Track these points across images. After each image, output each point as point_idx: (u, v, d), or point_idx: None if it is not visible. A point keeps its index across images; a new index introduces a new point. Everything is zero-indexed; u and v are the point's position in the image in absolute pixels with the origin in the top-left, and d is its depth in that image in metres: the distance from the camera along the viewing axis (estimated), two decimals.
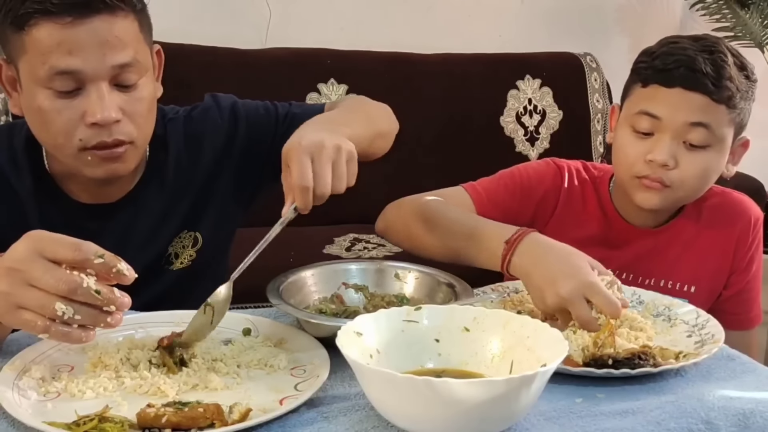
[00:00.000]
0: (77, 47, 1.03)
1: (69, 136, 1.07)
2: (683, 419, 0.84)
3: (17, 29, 1.04)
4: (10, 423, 0.80)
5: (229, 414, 0.80)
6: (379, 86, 2.76)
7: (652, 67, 1.30)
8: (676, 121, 1.27)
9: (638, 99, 1.32)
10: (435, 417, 0.76)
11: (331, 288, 1.14)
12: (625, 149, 1.33)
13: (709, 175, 1.32)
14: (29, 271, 0.82)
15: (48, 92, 1.06)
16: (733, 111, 1.28)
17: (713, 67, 1.26)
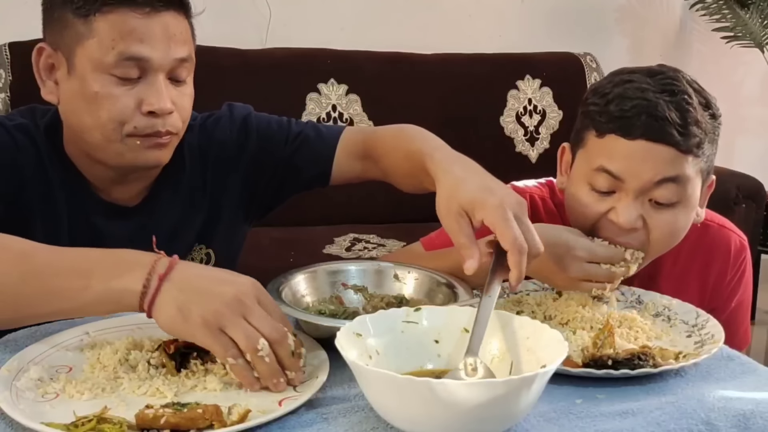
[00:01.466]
0: (149, 36, 1.08)
1: (122, 123, 1.09)
2: (683, 420, 0.84)
3: (85, 15, 1.07)
4: (8, 424, 0.80)
5: (228, 415, 0.80)
6: (379, 86, 2.76)
7: (606, 112, 1.15)
8: (640, 179, 1.12)
9: (594, 152, 1.16)
10: (434, 418, 0.76)
11: (330, 289, 1.14)
12: (584, 211, 1.18)
13: (679, 232, 1.19)
14: (251, 309, 0.86)
15: (108, 78, 1.08)
16: (700, 159, 1.14)
17: (678, 112, 1.11)
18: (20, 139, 1.16)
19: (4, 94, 2.36)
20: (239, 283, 0.88)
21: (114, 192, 1.21)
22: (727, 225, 1.36)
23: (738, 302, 1.36)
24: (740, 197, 2.59)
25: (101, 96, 1.08)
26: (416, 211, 2.74)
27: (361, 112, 2.73)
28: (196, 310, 0.85)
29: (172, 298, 0.86)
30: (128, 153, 1.12)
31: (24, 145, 1.16)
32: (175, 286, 0.87)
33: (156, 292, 0.87)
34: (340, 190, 2.71)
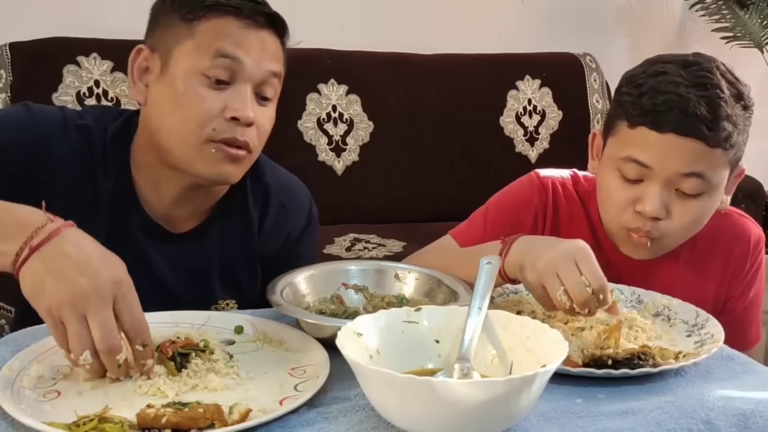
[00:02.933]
0: (245, 43, 1.12)
1: (203, 125, 1.10)
2: (683, 419, 0.84)
3: (190, 19, 1.11)
4: (9, 423, 0.80)
5: (229, 414, 0.80)
6: (379, 86, 2.76)
7: (639, 105, 1.18)
8: (668, 170, 1.16)
9: (625, 141, 1.20)
10: (435, 417, 0.76)
11: (330, 288, 1.14)
12: (612, 195, 1.22)
13: (702, 221, 1.23)
14: (95, 310, 0.84)
15: (200, 79, 1.10)
16: (729, 151, 1.17)
17: (708, 107, 1.14)
18: (75, 138, 1.16)
19: (4, 94, 2.35)
20: (98, 279, 0.86)
21: (168, 212, 1.21)
22: (747, 216, 1.38)
23: (754, 294, 1.37)
24: (740, 197, 2.58)
25: (188, 96, 1.10)
26: (416, 211, 2.75)
27: (361, 112, 2.73)
28: (46, 293, 0.85)
29: (33, 272, 0.86)
30: (200, 161, 1.12)
31: (77, 146, 1.16)
32: (41, 259, 0.86)
33: (24, 260, 0.87)
34: (340, 190, 2.72)
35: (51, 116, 1.18)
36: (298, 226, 1.31)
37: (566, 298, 0.99)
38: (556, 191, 1.35)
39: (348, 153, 2.72)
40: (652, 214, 1.17)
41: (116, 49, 2.44)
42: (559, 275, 0.99)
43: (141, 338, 0.87)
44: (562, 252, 1.01)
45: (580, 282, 0.98)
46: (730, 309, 1.35)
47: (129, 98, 2.44)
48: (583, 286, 0.98)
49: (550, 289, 1.00)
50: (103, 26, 2.53)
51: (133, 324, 0.87)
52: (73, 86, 2.41)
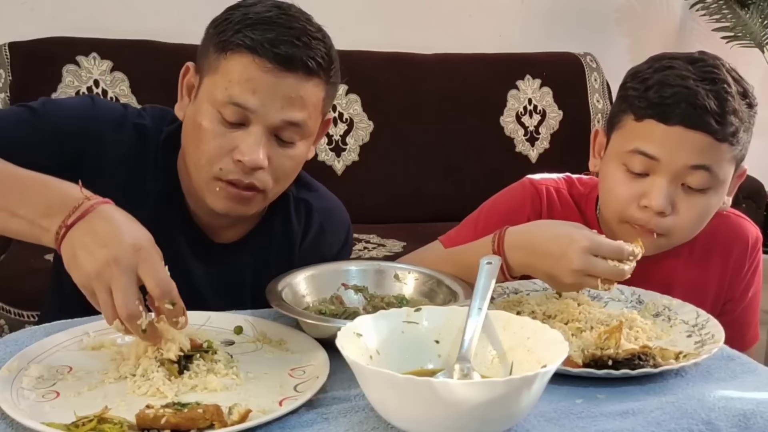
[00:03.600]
0: (262, 90, 1.07)
1: (212, 162, 1.10)
2: (684, 420, 0.84)
3: (221, 50, 1.09)
4: (8, 424, 0.80)
5: (229, 415, 0.80)
6: (379, 86, 2.76)
7: (645, 98, 1.17)
8: (675, 163, 1.15)
9: (631, 134, 1.19)
10: (435, 418, 0.76)
11: (330, 289, 1.14)
12: (615, 190, 1.21)
13: (706, 218, 1.22)
14: (117, 279, 0.87)
15: (215, 114, 1.09)
16: (735, 147, 1.17)
17: (717, 101, 1.13)
18: (130, 136, 1.17)
19: (3, 94, 2.36)
20: (119, 248, 0.89)
21: (210, 221, 1.21)
22: (744, 217, 1.38)
23: (753, 294, 1.37)
24: (740, 197, 2.58)
25: (204, 129, 1.10)
26: (416, 211, 2.75)
27: (361, 112, 2.73)
28: (78, 269, 0.89)
29: (67, 248, 0.91)
30: (209, 195, 1.13)
31: (131, 145, 1.17)
32: (73, 236, 0.91)
33: (63, 237, 0.92)
34: (340, 191, 2.72)
35: (111, 112, 1.19)
36: (333, 249, 1.31)
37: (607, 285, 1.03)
38: (550, 197, 1.33)
39: (348, 153, 2.72)
40: (658, 209, 1.16)
41: (115, 49, 2.44)
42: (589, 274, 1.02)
43: (168, 297, 0.89)
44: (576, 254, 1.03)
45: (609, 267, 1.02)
46: (730, 310, 1.34)
47: (129, 98, 2.44)
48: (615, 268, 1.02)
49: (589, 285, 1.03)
50: (102, 26, 2.53)
51: (158, 284, 0.89)
52: (72, 86, 2.40)
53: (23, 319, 1.91)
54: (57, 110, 1.16)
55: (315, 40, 1.10)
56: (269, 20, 1.09)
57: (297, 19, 1.11)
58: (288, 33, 1.08)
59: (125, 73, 2.44)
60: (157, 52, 2.43)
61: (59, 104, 1.19)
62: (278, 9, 1.11)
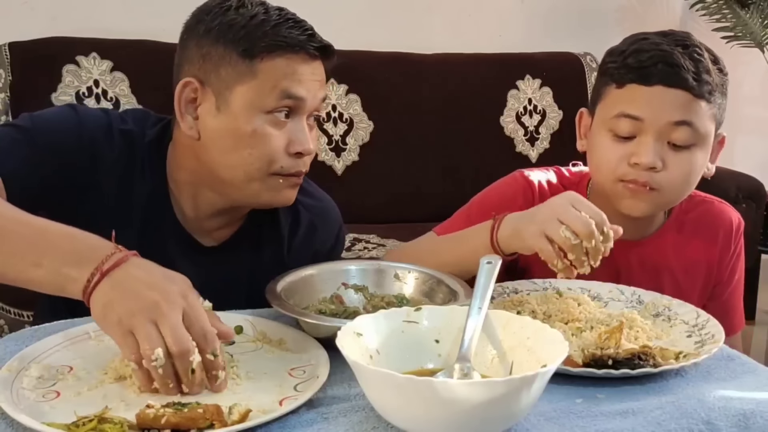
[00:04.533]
0: (306, 79, 1.14)
1: (271, 163, 1.13)
2: (684, 420, 0.84)
3: (251, 57, 1.11)
4: (8, 424, 0.80)
5: (229, 415, 0.80)
6: (379, 86, 2.76)
7: (625, 65, 1.24)
8: (659, 121, 1.21)
9: (615, 101, 1.25)
10: (435, 418, 0.76)
11: (330, 288, 1.14)
12: (606, 154, 1.26)
13: (694, 176, 1.27)
14: (166, 317, 0.85)
15: (264, 118, 1.12)
16: (712, 106, 1.23)
17: (691, 61, 1.21)
18: (119, 143, 1.17)
19: (3, 94, 2.36)
20: (167, 291, 0.88)
21: (199, 225, 1.22)
22: (726, 203, 1.43)
23: (738, 278, 1.41)
24: (740, 197, 2.59)
25: (257, 135, 1.12)
26: (416, 211, 2.75)
27: (361, 112, 2.73)
28: (116, 309, 0.86)
29: (103, 294, 0.88)
30: (266, 192, 1.15)
31: (121, 151, 1.17)
32: (111, 283, 0.89)
33: (94, 286, 0.89)
34: (340, 191, 2.72)
35: (97, 119, 1.18)
36: (326, 246, 1.32)
37: (570, 233, 1.03)
38: (542, 187, 1.36)
39: (348, 153, 2.73)
40: (648, 164, 1.21)
41: (115, 49, 2.44)
42: (559, 219, 1.04)
43: (211, 347, 0.87)
44: (556, 201, 1.08)
45: (582, 216, 1.03)
46: (719, 293, 1.39)
47: (128, 98, 2.44)
48: (586, 219, 1.03)
49: (552, 231, 1.04)
50: (102, 26, 2.53)
51: (203, 333, 0.87)
52: (72, 86, 2.41)
53: (23, 319, 1.91)
54: (47, 125, 1.15)
55: (312, 28, 1.17)
56: (282, 18, 1.14)
57: (288, 12, 1.17)
58: (300, 26, 1.15)
59: (125, 73, 2.44)
60: (157, 52, 2.43)
61: (46, 119, 1.17)
62: (263, 6, 1.16)
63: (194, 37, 1.14)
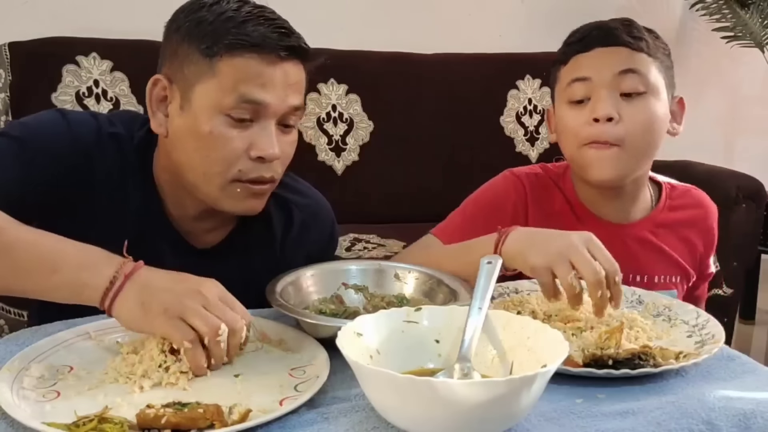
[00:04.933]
0: (269, 83, 1.09)
1: (229, 166, 1.10)
2: (684, 420, 0.84)
3: (211, 55, 1.08)
4: (9, 423, 0.80)
5: (229, 415, 0.80)
6: (379, 86, 2.76)
7: (567, 45, 1.36)
8: (605, 75, 1.29)
9: (565, 75, 1.34)
10: (435, 418, 0.76)
11: (330, 288, 1.14)
12: (567, 122, 1.33)
13: (654, 125, 1.30)
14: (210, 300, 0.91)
15: (223, 119, 1.08)
16: (655, 60, 1.31)
17: (623, 25, 1.33)
18: (110, 146, 1.16)
19: (3, 94, 2.35)
20: (200, 281, 0.94)
21: (190, 227, 1.21)
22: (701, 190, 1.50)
23: (708, 274, 1.48)
24: (740, 197, 2.58)
25: (214, 136, 1.08)
26: (416, 211, 2.74)
27: (361, 112, 2.73)
28: (157, 302, 0.90)
29: (134, 295, 0.92)
30: (226, 199, 1.13)
31: (112, 155, 1.16)
32: (138, 284, 0.93)
33: (119, 289, 0.92)
34: (340, 191, 2.72)
35: (86, 123, 1.17)
36: (319, 245, 1.31)
37: (577, 282, 1.02)
38: (531, 181, 1.41)
39: (348, 153, 2.72)
40: (606, 115, 1.27)
41: (115, 49, 2.44)
42: (571, 261, 1.02)
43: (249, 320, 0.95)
44: (572, 239, 1.05)
45: (593, 264, 1.02)
46: (699, 284, 1.44)
47: (128, 98, 2.44)
48: (596, 267, 1.02)
49: (560, 273, 1.03)
50: (102, 26, 2.53)
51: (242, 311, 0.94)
52: (72, 86, 2.40)
53: (23, 319, 1.91)
54: (38, 132, 1.14)
55: (289, 27, 1.12)
56: (252, 15, 1.09)
57: (265, 9, 1.12)
58: (273, 24, 1.10)
59: (125, 73, 2.44)
60: (157, 52, 2.43)
61: (36, 126, 1.16)
62: (242, 2, 1.12)
63: (168, 35, 1.14)
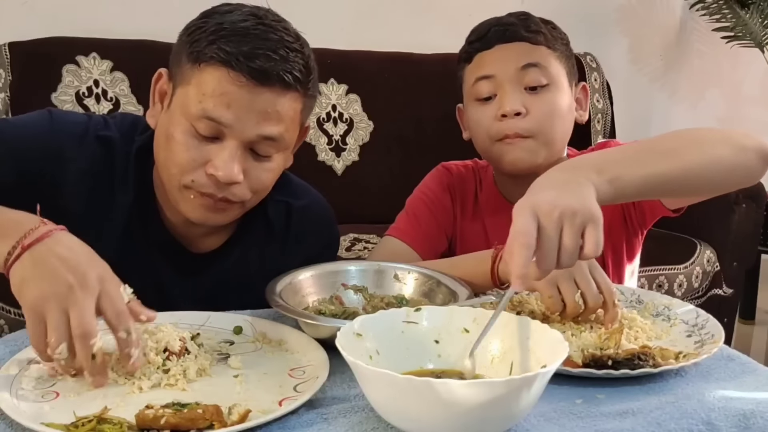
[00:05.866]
0: (237, 105, 1.04)
1: (184, 173, 1.07)
2: (683, 420, 0.84)
3: (194, 62, 1.06)
4: (8, 424, 0.80)
5: (229, 415, 0.80)
6: (379, 86, 2.76)
7: (469, 44, 1.39)
8: (508, 71, 1.31)
9: (470, 74, 1.38)
10: (435, 418, 0.76)
11: (330, 289, 1.14)
12: (477, 120, 1.36)
13: (560, 115, 1.33)
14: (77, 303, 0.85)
15: (188, 127, 1.06)
16: (554, 51, 1.34)
17: (519, 19, 1.35)
18: (93, 149, 1.14)
19: (3, 94, 2.35)
20: (84, 275, 0.87)
21: (186, 231, 1.19)
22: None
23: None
24: (740, 197, 2.58)
25: (176, 141, 1.07)
26: None
27: (361, 112, 2.73)
28: (31, 289, 0.87)
29: (22, 268, 0.89)
30: (183, 203, 1.11)
31: (95, 158, 1.14)
32: (31, 259, 0.89)
33: (15, 259, 0.89)
34: (340, 191, 2.72)
35: (71, 125, 1.15)
36: (316, 248, 1.26)
37: (582, 301, 1.05)
38: (459, 173, 1.48)
39: (348, 153, 2.72)
40: (513, 110, 1.30)
41: (115, 49, 2.44)
42: (576, 279, 1.05)
43: (123, 326, 0.88)
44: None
45: (596, 290, 1.05)
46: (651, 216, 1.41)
47: (128, 98, 2.44)
48: (597, 294, 1.05)
49: (566, 290, 1.05)
50: (102, 26, 2.53)
51: (116, 313, 0.88)
52: (72, 86, 2.41)
53: (23, 319, 1.91)
54: (13, 129, 1.13)
55: (292, 52, 1.06)
56: (245, 31, 1.05)
57: (274, 29, 1.07)
58: (264, 45, 1.04)
59: (125, 73, 2.44)
60: (157, 52, 2.43)
61: (14, 122, 1.16)
62: (255, 17, 1.07)
63: (180, 33, 1.12)
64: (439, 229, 1.43)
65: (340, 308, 1.09)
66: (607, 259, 1.39)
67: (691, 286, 2.56)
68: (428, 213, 1.43)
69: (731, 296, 2.67)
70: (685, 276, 2.54)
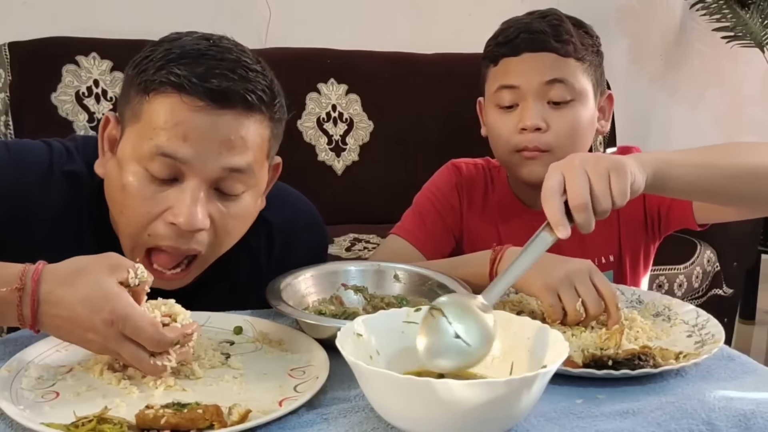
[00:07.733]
0: (195, 136, 0.92)
1: (141, 229, 0.96)
2: (684, 420, 0.84)
3: (143, 93, 0.94)
4: (7, 424, 0.80)
5: (229, 415, 0.80)
6: (379, 86, 2.76)
7: (496, 45, 1.36)
8: (532, 84, 1.30)
9: (494, 78, 1.35)
10: (435, 418, 0.76)
11: (330, 289, 1.13)
12: (496, 128, 1.35)
13: (581, 131, 1.33)
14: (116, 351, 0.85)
15: (141, 171, 0.94)
16: (583, 63, 1.33)
17: (550, 26, 1.32)
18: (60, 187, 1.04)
19: (3, 94, 2.35)
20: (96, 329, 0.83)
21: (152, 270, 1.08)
22: None
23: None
24: None
25: (129, 189, 0.94)
26: None
27: (361, 112, 2.73)
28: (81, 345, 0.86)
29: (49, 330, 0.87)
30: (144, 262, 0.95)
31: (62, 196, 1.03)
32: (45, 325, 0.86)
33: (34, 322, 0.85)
34: (340, 190, 2.72)
35: (33, 162, 1.04)
36: (304, 260, 1.17)
37: (583, 309, 1.05)
38: (469, 172, 1.46)
39: (348, 153, 2.72)
40: (533, 126, 1.29)
41: (115, 49, 2.44)
42: (576, 287, 1.05)
43: (165, 347, 0.86)
44: (576, 266, 1.07)
45: (597, 296, 1.05)
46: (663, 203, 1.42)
47: None
48: (598, 300, 1.05)
49: (567, 298, 1.05)
50: (102, 26, 2.53)
51: (153, 344, 0.85)
52: (72, 86, 2.40)
53: None
54: None
55: (252, 72, 0.95)
56: (197, 53, 0.94)
57: (230, 50, 0.97)
58: (220, 65, 0.93)
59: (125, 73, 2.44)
60: None
61: None
62: (207, 41, 0.97)
63: (126, 69, 1.03)
64: (445, 229, 1.42)
65: (341, 308, 1.09)
66: (625, 262, 1.39)
67: (691, 286, 2.56)
68: (435, 212, 1.43)
69: (731, 296, 2.67)
70: (685, 276, 2.54)
